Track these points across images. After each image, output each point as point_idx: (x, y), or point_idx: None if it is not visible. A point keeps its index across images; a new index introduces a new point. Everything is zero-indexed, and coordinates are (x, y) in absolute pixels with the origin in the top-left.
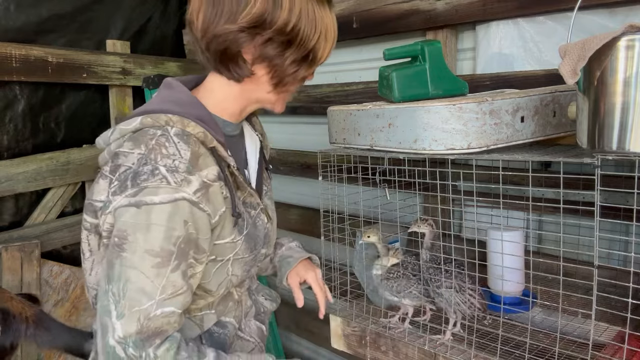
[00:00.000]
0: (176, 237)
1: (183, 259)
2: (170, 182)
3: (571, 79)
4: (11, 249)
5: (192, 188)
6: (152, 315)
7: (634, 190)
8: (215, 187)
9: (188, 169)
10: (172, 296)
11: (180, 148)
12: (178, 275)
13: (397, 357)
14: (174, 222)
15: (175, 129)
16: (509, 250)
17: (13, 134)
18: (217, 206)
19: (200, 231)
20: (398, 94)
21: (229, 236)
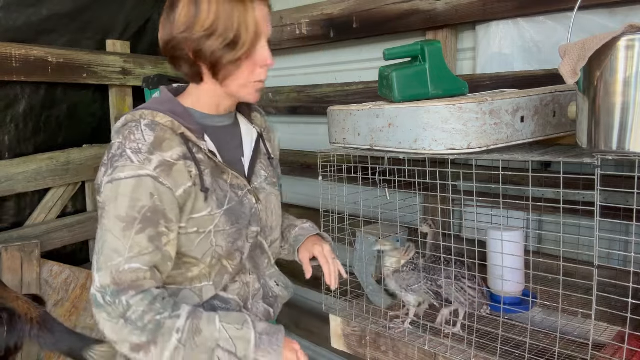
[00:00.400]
0: (140, 207)
1: (149, 224)
2: (134, 161)
3: (571, 79)
4: (11, 249)
5: (153, 166)
6: (121, 269)
7: (634, 190)
8: (180, 166)
9: (149, 150)
10: (138, 255)
11: (146, 134)
12: (143, 238)
13: (397, 357)
14: (137, 194)
15: (146, 120)
16: (509, 250)
17: (14, 133)
18: (180, 181)
19: (165, 202)
20: (398, 94)
21: (205, 209)
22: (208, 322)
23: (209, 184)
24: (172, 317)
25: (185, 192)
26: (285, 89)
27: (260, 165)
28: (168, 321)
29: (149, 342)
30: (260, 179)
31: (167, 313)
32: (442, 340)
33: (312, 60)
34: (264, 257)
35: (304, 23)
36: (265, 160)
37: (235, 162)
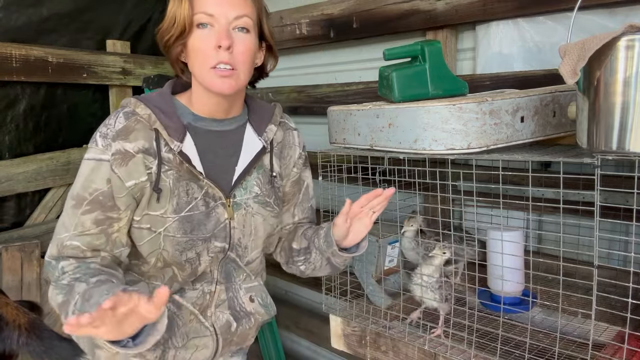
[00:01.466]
0: (93, 189)
1: (98, 207)
2: (99, 145)
3: (571, 79)
4: (11, 249)
5: (111, 152)
6: (65, 243)
7: (634, 190)
8: (137, 159)
9: (113, 136)
10: (80, 234)
11: (118, 121)
12: (87, 219)
13: (397, 357)
14: (93, 176)
15: (128, 108)
16: (509, 250)
17: (14, 133)
18: (134, 174)
19: (116, 189)
20: (398, 94)
21: (159, 210)
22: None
23: (167, 186)
24: (82, 281)
25: (137, 186)
26: (285, 89)
27: (256, 181)
28: (77, 284)
29: (65, 302)
30: (249, 194)
31: (83, 277)
32: (442, 340)
33: (312, 60)
34: (240, 272)
35: (304, 23)
36: (265, 176)
37: (222, 170)
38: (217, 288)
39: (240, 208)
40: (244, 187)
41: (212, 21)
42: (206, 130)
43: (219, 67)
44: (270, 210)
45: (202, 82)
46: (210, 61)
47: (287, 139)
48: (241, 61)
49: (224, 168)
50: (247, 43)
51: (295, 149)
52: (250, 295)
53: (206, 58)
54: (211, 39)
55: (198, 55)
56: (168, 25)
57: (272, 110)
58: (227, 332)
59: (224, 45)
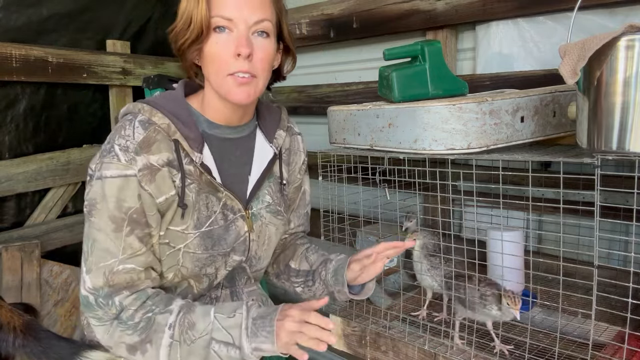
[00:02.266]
0: (127, 208)
1: (137, 226)
2: (121, 160)
3: (571, 79)
4: (11, 249)
5: (138, 167)
6: (115, 270)
7: (634, 190)
8: (164, 172)
9: (136, 149)
10: (132, 256)
11: (137, 132)
12: (134, 239)
13: (397, 357)
14: (123, 194)
15: (143, 116)
16: (508, 250)
17: (14, 134)
18: (163, 189)
19: (147, 207)
20: (398, 94)
21: (180, 225)
22: (202, 315)
23: (191, 200)
24: (163, 313)
25: (167, 201)
26: (285, 89)
27: (268, 190)
28: (159, 317)
29: (143, 341)
30: (262, 204)
31: (158, 309)
32: (442, 340)
33: (312, 60)
34: (244, 275)
35: (304, 23)
36: (276, 184)
37: (237, 180)
38: (223, 293)
39: (257, 219)
40: (257, 197)
41: (231, 25)
42: (221, 138)
43: (238, 75)
44: (281, 218)
45: (218, 90)
46: (228, 69)
47: (294, 145)
48: (260, 68)
49: (239, 178)
50: (267, 49)
51: (300, 155)
52: (252, 298)
53: (224, 65)
54: (229, 45)
55: (214, 62)
56: (183, 26)
57: (279, 114)
58: None
59: (244, 54)
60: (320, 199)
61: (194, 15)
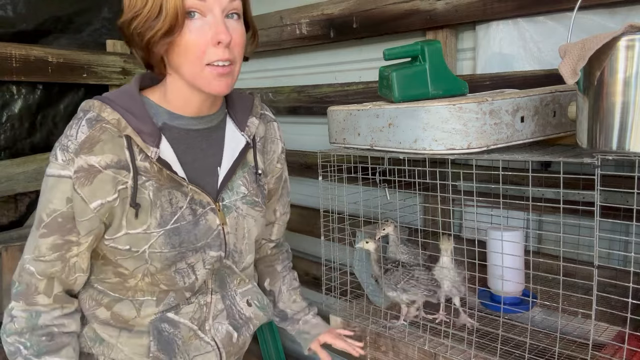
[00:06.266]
0: (51, 209)
1: (56, 231)
2: (59, 159)
3: (571, 79)
4: (11, 249)
5: (74, 168)
6: (24, 266)
7: (634, 190)
8: (105, 175)
9: (76, 150)
10: (36, 259)
11: (80, 131)
12: (44, 243)
13: (397, 357)
14: (52, 195)
15: (92, 113)
16: (508, 250)
17: (10, 133)
18: (99, 193)
19: (78, 212)
20: (398, 94)
21: (140, 227)
22: None
23: (148, 199)
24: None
25: (104, 207)
26: (285, 89)
27: (242, 180)
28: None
29: None
30: (236, 196)
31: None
32: (442, 340)
33: (312, 60)
34: (234, 277)
35: (304, 23)
36: (251, 174)
37: (205, 173)
38: (213, 298)
39: (231, 211)
40: (229, 188)
41: (204, 8)
42: (184, 130)
43: (217, 63)
44: (260, 210)
45: (193, 82)
46: (207, 58)
47: (270, 133)
48: (238, 54)
49: (207, 170)
50: (241, 32)
51: (277, 143)
52: (247, 299)
53: (200, 55)
54: (206, 32)
55: (189, 52)
56: (150, 15)
57: (252, 101)
58: (229, 344)
59: (225, 41)
60: (320, 199)
61: (164, 1)
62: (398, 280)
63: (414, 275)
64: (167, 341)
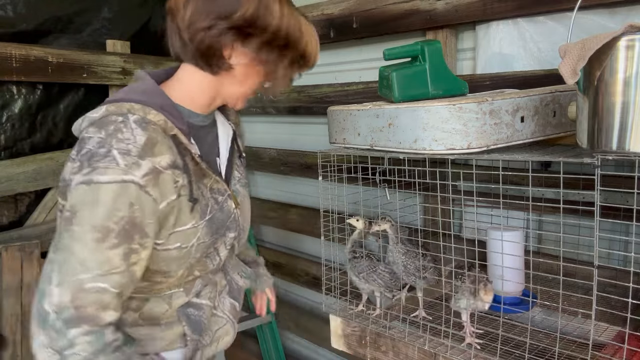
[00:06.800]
0: (119, 217)
1: (125, 240)
2: (120, 164)
3: (571, 79)
4: (11, 249)
5: (141, 172)
6: (86, 287)
7: (634, 190)
8: (167, 175)
9: (140, 153)
10: (107, 273)
11: (136, 134)
12: (116, 254)
13: (397, 357)
14: (118, 203)
15: (136, 116)
16: (509, 250)
17: (10, 133)
18: (166, 193)
19: (146, 215)
20: (398, 94)
21: (190, 222)
22: None
23: (196, 193)
24: None
25: (169, 205)
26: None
27: (234, 166)
28: None
29: None
30: (235, 180)
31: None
32: (442, 340)
33: None
34: (232, 256)
35: None
36: (238, 159)
37: (213, 164)
38: (219, 276)
39: (237, 195)
40: (232, 175)
41: None
42: (198, 126)
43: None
44: (248, 189)
45: (229, 99)
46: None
47: (238, 118)
48: None
49: (214, 161)
50: None
51: (242, 124)
52: (237, 272)
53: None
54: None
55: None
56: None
57: None
58: (234, 314)
59: None
60: (320, 199)
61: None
62: (361, 270)
63: (376, 269)
64: (196, 323)
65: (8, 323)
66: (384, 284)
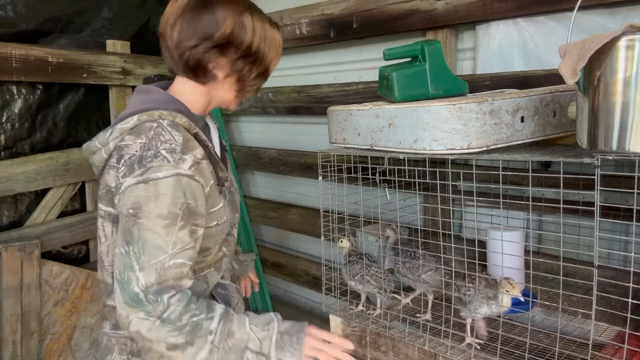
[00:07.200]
0: (181, 203)
1: (187, 220)
2: (170, 161)
3: (571, 79)
4: (11, 249)
5: (187, 164)
6: (166, 265)
7: (634, 190)
8: (204, 164)
9: (182, 150)
10: (181, 250)
11: (174, 135)
12: (185, 233)
13: (397, 357)
14: (177, 191)
15: (167, 120)
16: (509, 250)
17: (10, 133)
18: (208, 178)
19: (198, 199)
20: (398, 94)
21: (220, 202)
22: (239, 325)
23: (222, 179)
24: (207, 319)
25: (211, 189)
26: (285, 89)
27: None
28: (205, 323)
29: (187, 342)
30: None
31: (203, 315)
32: (442, 340)
33: (312, 60)
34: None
35: (304, 23)
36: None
37: None
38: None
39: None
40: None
41: None
42: (201, 126)
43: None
44: None
45: (221, 103)
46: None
47: None
48: None
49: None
50: None
51: None
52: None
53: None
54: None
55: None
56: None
57: None
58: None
59: None
60: (320, 199)
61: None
62: (355, 273)
63: (369, 271)
64: (225, 300)
65: (8, 323)
66: (378, 285)
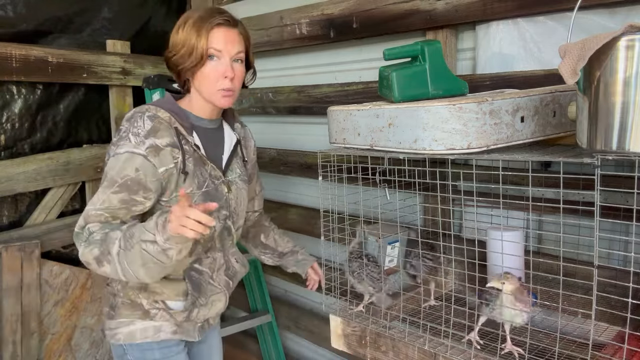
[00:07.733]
0: (124, 175)
1: (126, 190)
2: (132, 142)
3: (571, 79)
4: (11, 249)
5: (145, 147)
6: (90, 213)
7: (634, 190)
8: (166, 151)
9: (145, 134)
10: (106, 208)
11: (146, 123)
12: (115, 198)
13: (397, 357)
14: (126, 164)
15: (150, 113)
16: (509, 250)
17: (10, 133)
18: (164, 162)
19: (148, 176)
20: (398, 94)
21: (188, 188)
22: (138, 227)
23: (190, 169)
24: (114, 230)
25: (167, 172)
26: (285, 89)
27: (236, 165)
28: (111, 233)
29: (103, 252)
30: (234, 174)
31: (108, 230)
32: (442, 340)
33: (312, 60)
34: (230, 239)
35: (304, 23)
36: (241, 161)
37: (215, 158)
38: (218, 255)
39: (233, 184)
40: (231, 169)
41: (220, 55)
42: (203, 128)
43: (223, 89)
44: (247, 186)
45: (208, 99)
46: (218, 86)
47: (246, 134)
48: (237, 85)
49: (216, 156)
50: (241, 71)
51: (251, 140)
52: (235, 258)
53: (214, 83)
54: (219, 69)
55: (207, 80)
56: (184, 54)
57: (233, 112)
58: (228, 289)
59: (229, 76)
60: (320, 199)
61: (196, 47)
62: (354, 269)
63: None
64: (197, 284)
65: (8, 323)
66: (372, 283)
